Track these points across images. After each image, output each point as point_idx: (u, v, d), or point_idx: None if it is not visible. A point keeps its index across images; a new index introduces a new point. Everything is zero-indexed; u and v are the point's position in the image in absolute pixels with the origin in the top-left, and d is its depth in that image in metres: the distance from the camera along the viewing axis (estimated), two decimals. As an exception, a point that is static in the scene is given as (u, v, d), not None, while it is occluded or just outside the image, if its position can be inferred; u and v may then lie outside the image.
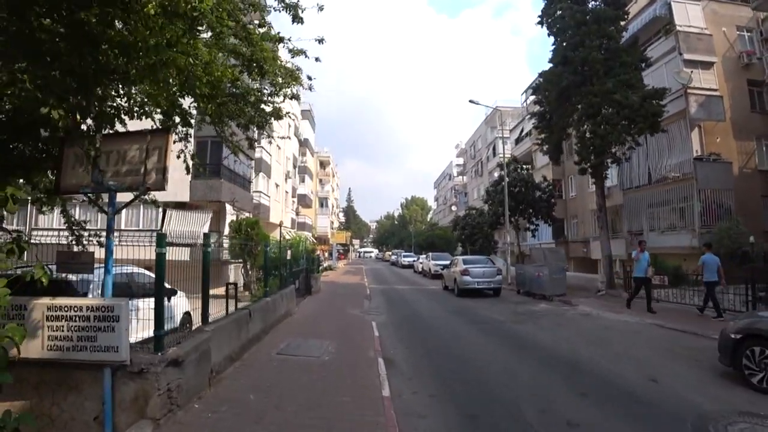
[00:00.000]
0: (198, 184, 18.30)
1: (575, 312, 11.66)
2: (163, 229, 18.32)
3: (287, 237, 22.87)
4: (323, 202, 59.35)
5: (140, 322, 4.58)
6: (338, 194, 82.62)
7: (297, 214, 39.91)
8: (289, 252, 10.80)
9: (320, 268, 31.22)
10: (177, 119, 4.24)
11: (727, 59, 19.42)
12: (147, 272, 6.49)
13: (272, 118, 4.84)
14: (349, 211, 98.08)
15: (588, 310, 11.73)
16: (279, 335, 7.56)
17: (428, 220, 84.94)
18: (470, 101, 20.13)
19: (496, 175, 41.68)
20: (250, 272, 16.19)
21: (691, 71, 18.39)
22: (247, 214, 22.18)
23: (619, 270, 14.47)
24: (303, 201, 41.67)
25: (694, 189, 17.72)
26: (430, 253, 28.04)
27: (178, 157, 5.81)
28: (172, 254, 5.00)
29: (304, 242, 18.09)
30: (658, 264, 15.07)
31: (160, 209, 19.03)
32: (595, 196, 15.97)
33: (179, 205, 19.10)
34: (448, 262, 24.35)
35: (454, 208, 64.14)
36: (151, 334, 5.11)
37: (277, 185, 29.46)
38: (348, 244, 65.09)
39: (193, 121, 4.63)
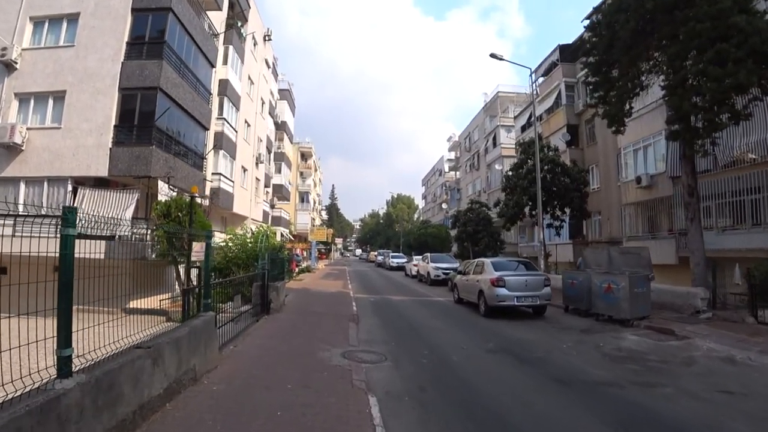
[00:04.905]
0: (121, 154, 12.97)
1: (703, 354, 6.98)
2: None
3: (252, 229, 17.76)
4: (304, 197, 54.00)
5: None
6: (320, 190, 77.14)
7: (272, 206, 34.52)
8: (198, 246, 5.71)
9: (296, 271, 26.12)
10: None
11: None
12: None
13: None
14: (332, 209, 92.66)
15: (720, 349, 7.08)
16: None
17: (415, 219, 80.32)
18: (491, 55, 15.41)
19: (497, 167, 37.18)
20: (182, 277, 11.08)
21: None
22: (198, 200, 16.93)
23: (739, 280, 9.71)
24: (279, 192, 36.28)
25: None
26: (428, 254, 23.19)
27: None
28: (80, 248, 3.32)
29: (266, 236, 12.96)
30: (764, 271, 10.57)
31: (69, 187, 13.71)
32: (683, 174, 11.37)
33: (99, 183, 13.75)
34: (453, 266, 19.59)
35: (444, 205, 59.73)
36: None
37: (244, 169, 24.16)
38: (330, 242, 59.82)
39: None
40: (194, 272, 6.26)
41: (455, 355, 6.68)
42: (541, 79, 31.69)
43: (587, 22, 13.47)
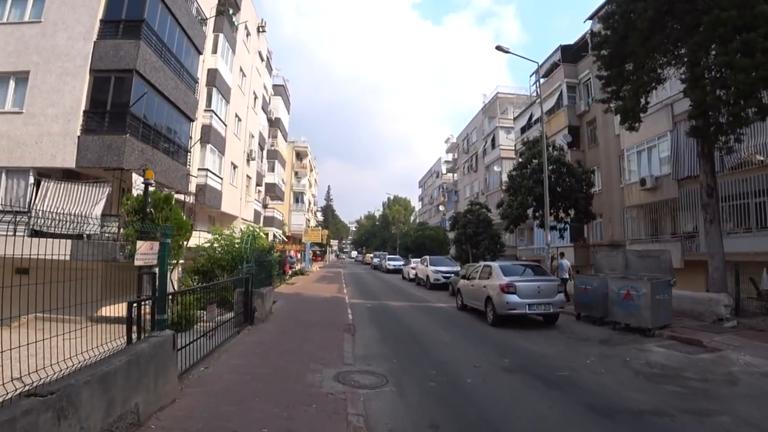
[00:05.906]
0: (90, 143, 11.85)
1: (742, 369, 6.12)
2: (36, 207, 11.93)
3: (241, 229, 16.76)
4: (299, 197, 52.86)
5: None
6: (316, 190, 75.93)
7: (264, 206, 33.43)
8: (147, 246, 4.64)
9: (289, 273, 25.08)
10: None
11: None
12: None
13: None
14: (328, 210, 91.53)
15: (758, 364, 6.26)
16: None
17: (411, 221, 79.47)
18: (497, 48, 14.60)
19: (496, 169, 36.42)
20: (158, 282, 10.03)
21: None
22: (181, 198, 15.89)
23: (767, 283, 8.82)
24: (272, 191, 35.14)
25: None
26: (428, 257, 22.30)
27: None
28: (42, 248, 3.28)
29: (252, 237, 11.95)
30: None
31: (31, 179, 12.60)
32: (702, 173, 10.61)
33: (68, 175, 12.62)
34: (453, 269, 18.73)
35: (441, 207, 58.94)
36: None
37: (234, 166, 23.10)
38: (325, 244, 58.65)
39: None
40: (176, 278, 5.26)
41: (468, 377, 5.75)
42: (542, 80, 31.00)
43: (591, 20, 12.74)
